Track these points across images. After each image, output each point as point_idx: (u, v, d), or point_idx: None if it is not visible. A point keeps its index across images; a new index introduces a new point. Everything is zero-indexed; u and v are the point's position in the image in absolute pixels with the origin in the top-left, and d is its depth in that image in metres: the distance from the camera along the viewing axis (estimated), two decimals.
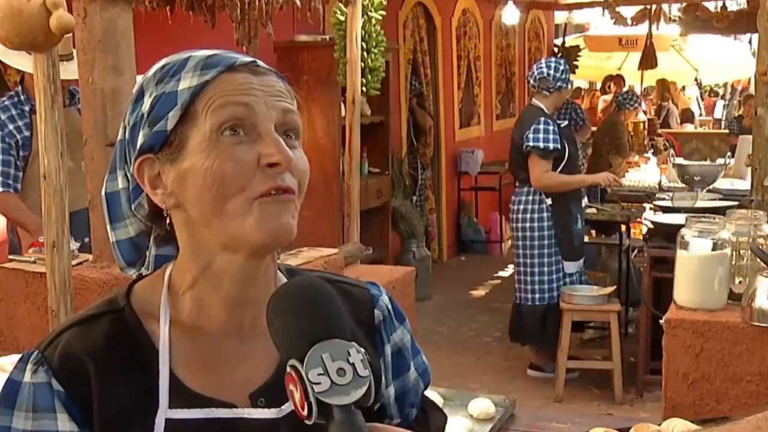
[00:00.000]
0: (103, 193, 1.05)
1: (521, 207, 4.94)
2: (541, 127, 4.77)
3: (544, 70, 4.91)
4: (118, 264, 1.08)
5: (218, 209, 0.95)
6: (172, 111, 0.96)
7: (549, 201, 4.87)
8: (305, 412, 0.84)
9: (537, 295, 4.95)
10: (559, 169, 4.84)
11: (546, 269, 4.91)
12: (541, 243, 4.89)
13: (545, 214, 4.88)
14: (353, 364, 0.85)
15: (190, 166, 0.96)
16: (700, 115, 16.03)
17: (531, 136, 4.78)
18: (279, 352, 0.89)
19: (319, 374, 0.83)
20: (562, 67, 4.91)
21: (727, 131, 10.96)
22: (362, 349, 0.87)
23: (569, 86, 4.98)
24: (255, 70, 0.99)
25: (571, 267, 4.97)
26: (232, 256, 0.98)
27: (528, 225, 4.91)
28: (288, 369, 0.85)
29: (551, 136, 4.76)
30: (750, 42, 13.00)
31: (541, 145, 4.75)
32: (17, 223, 3.71)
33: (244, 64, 0.99)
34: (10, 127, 3.56)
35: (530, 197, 4.90)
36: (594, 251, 7.05)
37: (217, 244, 0.98)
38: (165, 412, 0.96)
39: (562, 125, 4.96)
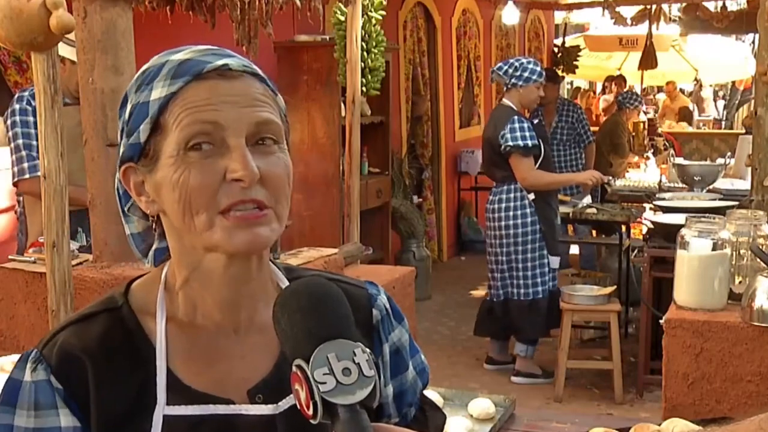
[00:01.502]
0: (116, 186, 1.06)
1: (503, 205, 4.89)
2: (517, 125, 4.74)
3: (502, 65, 4.91)
4: (136, 256, 1.11)
5: (188, 221, 0.96)
6: (143, 123, 0.96)
7: (531, 197, 4.84)
8: (310, 412, 0.84)
9: (527, 290, 4.91)
10: (537, 166, 4.82)
11: (530, 264, 4.88)
12: (525, 239, 4.86)
13: (528, 210, 4.85)
14: (359, 363, 0.85)
15: (162, 178, 0.96)
16: (719, 116, 16.05)
17: (508, 135, 4.74)
18: (285, 351, 0.89)
19: (324, 374, 0.84)
20: (518, 65, 4.84)
21: (743, 131, 10.92)
22: (368, 350, 0.87)
23: (528, 85, 4.81)
24: (226, 75, 0.96)
25: (555, 262, 4.96)
26: (216, 256, 0.99)
27: (512, 222, 4.86)
28: (293, 368, 0.86)
29: (528, 134, 4.74)
30: (753, 42, 12.99)
31: (521, 143, 4.72)
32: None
33: (214, 69, 0.96)
34: None
35: (512, 194, 4.86)
36: (594, 251, 7.06)
37: (200, 248, 0.99)
38: (163, 409, 0.97)
39: (534, 122, 4.94)
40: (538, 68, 4.91)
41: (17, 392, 0.97)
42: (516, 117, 4.79)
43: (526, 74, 4.83)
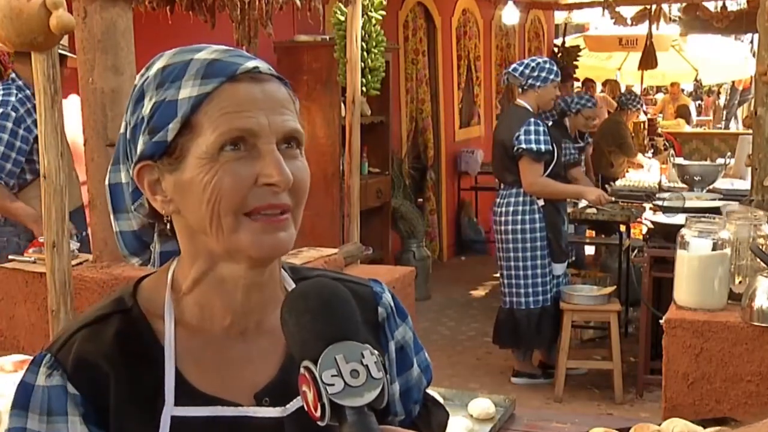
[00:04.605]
0: (106, 183, 1.05)
1: (510, 209, 4.76)
2: (532, 128, 4.61)
3: (517, 66, 4.80)
4: (122, 253, 1.09)
5: (215, 223, 0.95)
6: (172, 122, 0.95)
7: (541, 202, 4.72)
8: (318, 414, 0.84)
9: (531, 299, 4.81)
10: (548, 170, 4.69)
11: (539, 271, 4.78)
12: (534, 245, 4.74)
13: (537, 216, 4.72)
14: (367, 365, 0.85)
15: (190, 178, 0.95)
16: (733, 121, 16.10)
17: (522, 137, 4.61)
18: (293, 353, 0.89)
19: (332, 375, 0.83)
20: (534, 65, 4.73)
21: (747, 131, 10.92)
22: (376, 352, 0.87)
23: (546, 85, 4.69)
24: (257, 78, 0.97)
25: (558, 269, 4.84)
26: (234, 265, 0.98)
27: (519, 227, 4.74)
28: (301, 370, 0.86)
29: (542, 138, 4.61)
30: (752, 42, 13.00)
31: (534, 147, 4.59)
32: (7, 213, 3.58)
33: (246, 71, 0.96)
34: (29, 121, 3.44)
35: (520, 198, 4.73)
36: (593, 251, 7.07)
37: (218, 252, 0.98)
38: (171, 410, 0.97)
39: (549, 124, 4.81)
40: (555, 67, 4.79)
41: (29, 396, 0.97)
42: (532, 119, 4.64)
43: (543, 74, 4.71)
